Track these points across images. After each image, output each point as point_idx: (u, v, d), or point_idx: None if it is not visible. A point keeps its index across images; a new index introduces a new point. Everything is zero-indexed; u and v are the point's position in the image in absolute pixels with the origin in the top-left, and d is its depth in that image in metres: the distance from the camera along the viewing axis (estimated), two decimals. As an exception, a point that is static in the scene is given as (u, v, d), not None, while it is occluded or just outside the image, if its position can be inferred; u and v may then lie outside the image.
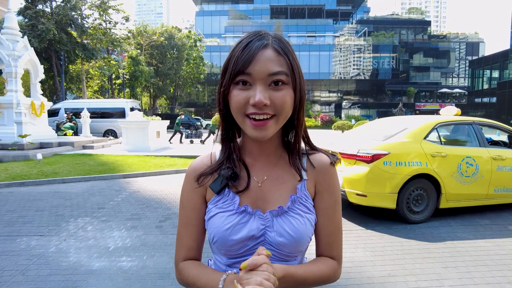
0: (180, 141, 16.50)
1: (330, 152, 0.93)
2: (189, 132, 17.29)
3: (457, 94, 53.04)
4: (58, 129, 15.44)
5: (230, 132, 0.86)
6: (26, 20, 24.55)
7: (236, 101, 0.74)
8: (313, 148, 0.91)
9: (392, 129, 4.91)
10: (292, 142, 0.87)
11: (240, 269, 0.68)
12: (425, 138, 4.58)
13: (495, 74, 41.18)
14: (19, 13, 24.56)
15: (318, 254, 0.90)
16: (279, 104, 0.74)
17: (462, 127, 5.20)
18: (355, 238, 4.01)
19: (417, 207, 4.58)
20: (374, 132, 5.22)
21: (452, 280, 2.95)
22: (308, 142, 0.89)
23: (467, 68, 55.22)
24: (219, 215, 0.81)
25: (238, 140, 0.89)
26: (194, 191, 0.86)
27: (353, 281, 2.95)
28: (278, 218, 0.81)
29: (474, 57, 52.39)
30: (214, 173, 0.85)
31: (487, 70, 42.26)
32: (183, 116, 18.11)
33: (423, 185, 4.53)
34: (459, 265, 3.26)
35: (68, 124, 15.69)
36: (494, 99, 39.98)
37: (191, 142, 16.77)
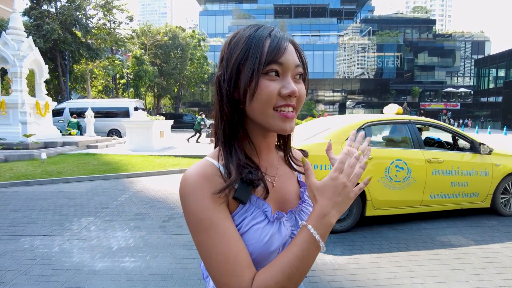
0: (197, 141, 16.50)
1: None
2: (210, 131, 17.23)
3: (463, 94, 52.64)
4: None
5: (236, 132, 0.76)
6: (31, 20, 24.70)
7: (268, 92, 0.69)
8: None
9: (317, 129, 4.54)
10: (286, 139, 0.87)
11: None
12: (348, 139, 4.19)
13: (501, 73, 40.85)
14: (24, 13, 24.71)
15: None
16: (301, 97, 0.74)
17: (399, 127, 4.80)
18: (360, 239, 3.96)
19: None
20: (305, 131, 4.73)
21: (460, 283, 2.89)
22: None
23: (472, 67, 54.79)
24: (254, 228, 0.71)
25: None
26: (222, 203, 0.70)
27: (358, 283, 2.90)
28: (298, 215, 0.81)
29: (480, 56, 51.97)
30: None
31: (493, 69, 41.93)
32: (203, 116, 18.05)
33: None
34: (467, 267, 3.20)
35: (73, 121, 15.67)
36: (500, 99, 39.67)
37: (212, 141, 16.74)
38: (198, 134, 16.75)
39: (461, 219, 4.73)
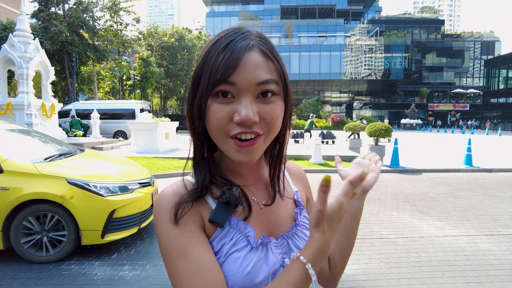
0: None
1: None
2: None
3: (472, 95, 51.83)
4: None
5: (205, 149, 0.70)
6: (40, 22, 24.96)
7: (216, 119, 0.59)
8: None
9: None
10: (275, 156, 0.72)
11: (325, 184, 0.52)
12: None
13: (512, 73, 40.08)
14: (33, 15, 24.99)
15: None
16: (269, 120, 0.60)
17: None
18: (368, 247, 3.80)
19: None
20: None
21: (476, 298, 2.72)
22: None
23: (482, 67, 53.94)
24: (233, 257, 0.62)
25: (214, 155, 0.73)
26: (193, 225, 0.63)
27: (367, 296, 2.75)
28: (291, 240, 0.71)
29: (490, 57, 51.13)
30: (200, 199, 0.66)
31: (503, 70, 41.20)
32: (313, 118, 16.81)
33: None
34: (483, 280, 3.02)
35: (74, 120, 15.63)
36: (510, 99, 38.98)
37: (296, 142, 16.41)
38: (309, 134, 15.23)
39: (474, 227, 4.53)
